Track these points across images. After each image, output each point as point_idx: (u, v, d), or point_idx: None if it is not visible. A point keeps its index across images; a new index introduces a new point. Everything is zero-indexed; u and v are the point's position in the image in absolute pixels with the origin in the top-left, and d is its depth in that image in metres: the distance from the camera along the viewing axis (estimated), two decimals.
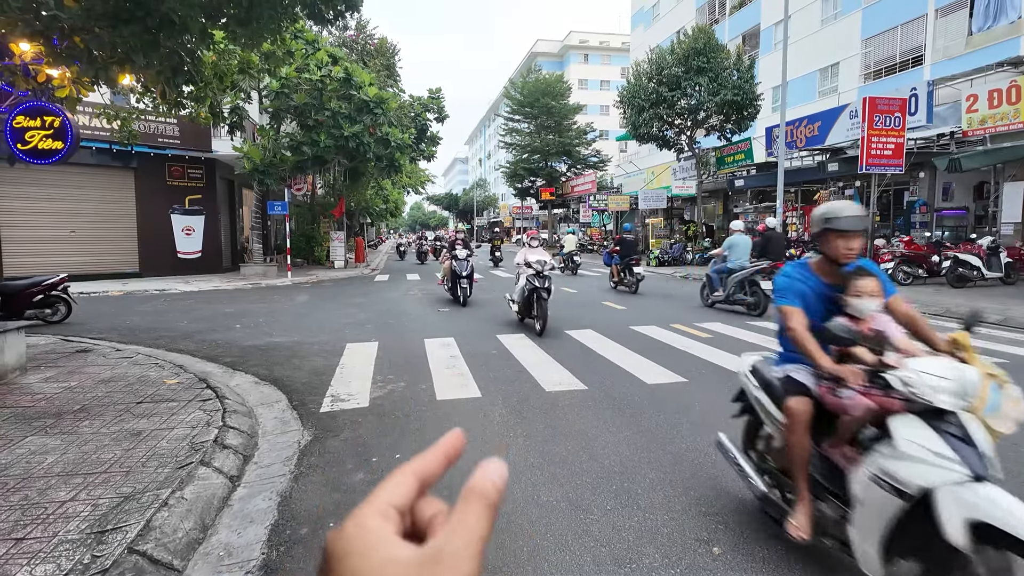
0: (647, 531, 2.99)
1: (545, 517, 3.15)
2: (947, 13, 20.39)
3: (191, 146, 19.32)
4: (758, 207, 24.67)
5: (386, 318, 10.45)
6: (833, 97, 24.29)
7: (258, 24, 6.17)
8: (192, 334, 8.92)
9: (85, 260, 17.81)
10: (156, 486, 3.38)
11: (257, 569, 2.74)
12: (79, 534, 2.85)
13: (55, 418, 4.62)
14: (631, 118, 24.25)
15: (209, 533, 3.11)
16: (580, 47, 66.98)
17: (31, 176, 16.46)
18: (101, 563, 2.60)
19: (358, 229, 35.71)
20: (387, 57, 26.76)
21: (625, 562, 2.72)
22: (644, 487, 3.50)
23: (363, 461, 3.97)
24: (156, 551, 2.76)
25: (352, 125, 17.98)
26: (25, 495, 3.26)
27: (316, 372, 6.50)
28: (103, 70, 4.60)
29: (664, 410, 4.93)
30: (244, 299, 13.71)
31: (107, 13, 4.59)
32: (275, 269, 19.57)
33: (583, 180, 41.00)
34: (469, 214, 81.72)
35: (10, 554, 2.67)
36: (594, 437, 4.34)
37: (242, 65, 8.32)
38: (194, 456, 3.81)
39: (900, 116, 14.17)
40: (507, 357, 7.11)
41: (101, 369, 6.32)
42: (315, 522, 3.15)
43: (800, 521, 2.60)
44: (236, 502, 3.46)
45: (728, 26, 32.20)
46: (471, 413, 4.98)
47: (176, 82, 5.36)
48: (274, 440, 4.47)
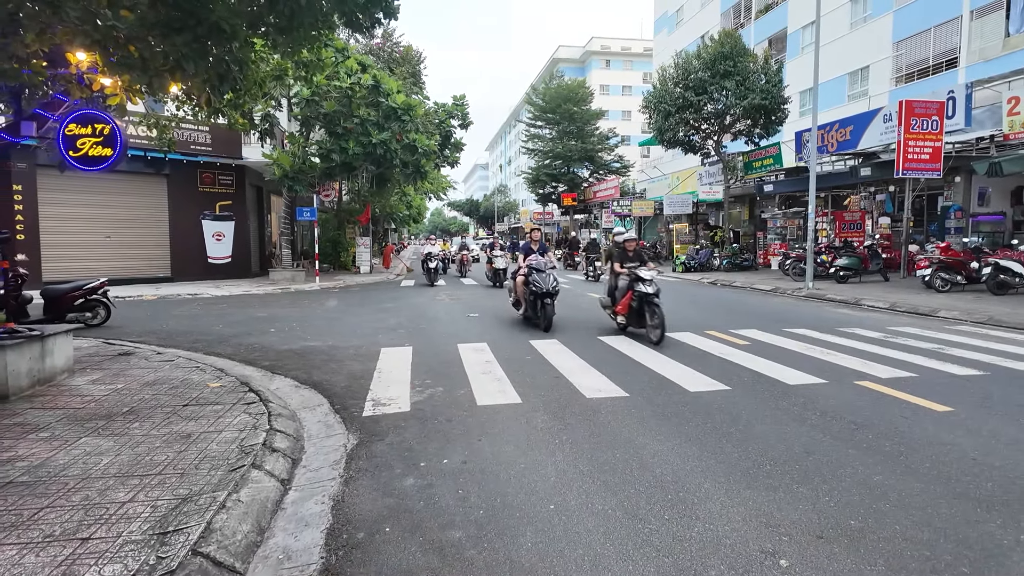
0: (709, 542, 2.93)
1: (602, 526, 3.10)
2: (983, 15, 19.96)
3: (222, 153, 19.68)
4: (786, 212, 24.32)
5: (417, 323, 10.48)
6: (863, 101, 23.91)
7: (298, 32, 6.27)
8: (228, 338, 9.04)
9: (119, 265, 18.22)
10: (211, 488, 3.41)
11: (318, 573, 2.74)
12: (142, 535, 2.88)
13: (106, 420, 4.69)
14: (657, 123, 24.11)
15: (266, 536, 3.12)
16: (602, 53, 66.96)
17: (70, 183, 16.89)
18: (167, 564, 2.62)
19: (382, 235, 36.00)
20: (412, 64, 27.01)
21: (691, 573, 2.66)
22: (699, 497, 3.43)
23: (411, 466, 3.96)
24: (219, 553, 2.77)
25: (380, 132, 18.17)
26: (86, 495, 3.31)
27: (354, 376, 6.53)
28: (156, 78, 4.70)
29: (711, 419, 4.84)
30: (275, 304, 13.88)
31: (159, 22, 4.69)
32: (303, 274, 19.79)
33: (606, 185, 40.83)
34: (490, 220, 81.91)
35: (77, 554, 2.70)
36: (642, 445, 4.27)
37: (278, 72, 8.43)
38: (245, 459, 3.84)
39: (937, 119, 13.87)
40: (542, 363, 7.06)
41: (144, 372, 6.43)
42: (371, 527, 3.15)
43: None
44: (289, 505, 3.47)
45: (754, 30, 31.92)
46: (513, 419, 4.95)
47: (222, 89, 5.46)
48: (320, 444, 4.49)
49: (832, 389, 5.77)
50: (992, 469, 3.81)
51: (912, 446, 4.22)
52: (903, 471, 3.79)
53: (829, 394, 5.59)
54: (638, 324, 8.42)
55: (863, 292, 14.19)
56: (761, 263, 24.28)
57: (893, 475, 3.72)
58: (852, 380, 6.09)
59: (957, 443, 4.29)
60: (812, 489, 3.52)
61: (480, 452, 4.19)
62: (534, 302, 9.39)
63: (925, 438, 4.39)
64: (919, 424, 4.71)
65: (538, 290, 9.17)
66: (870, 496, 3.42)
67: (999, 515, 3.20)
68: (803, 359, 7.11)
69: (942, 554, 2.81)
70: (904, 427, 4.64)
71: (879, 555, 2.80)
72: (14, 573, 2.54)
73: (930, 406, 5.18)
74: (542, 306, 9.25)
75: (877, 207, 21.48)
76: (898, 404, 5.27)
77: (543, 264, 9.48)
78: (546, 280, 9.21)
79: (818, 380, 6.09)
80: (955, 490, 3.51)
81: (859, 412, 5.02)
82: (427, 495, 3.52)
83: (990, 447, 4.21)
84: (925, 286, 14.14)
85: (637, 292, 8.11)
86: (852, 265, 16.52)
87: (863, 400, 5.39)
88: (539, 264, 9.45)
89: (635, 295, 8.16)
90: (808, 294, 14.58)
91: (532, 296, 9.37)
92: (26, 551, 2.72)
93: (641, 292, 8.05)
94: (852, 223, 20.52)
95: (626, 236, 9.11)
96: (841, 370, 6.54)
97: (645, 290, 8.00)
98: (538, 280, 9.21)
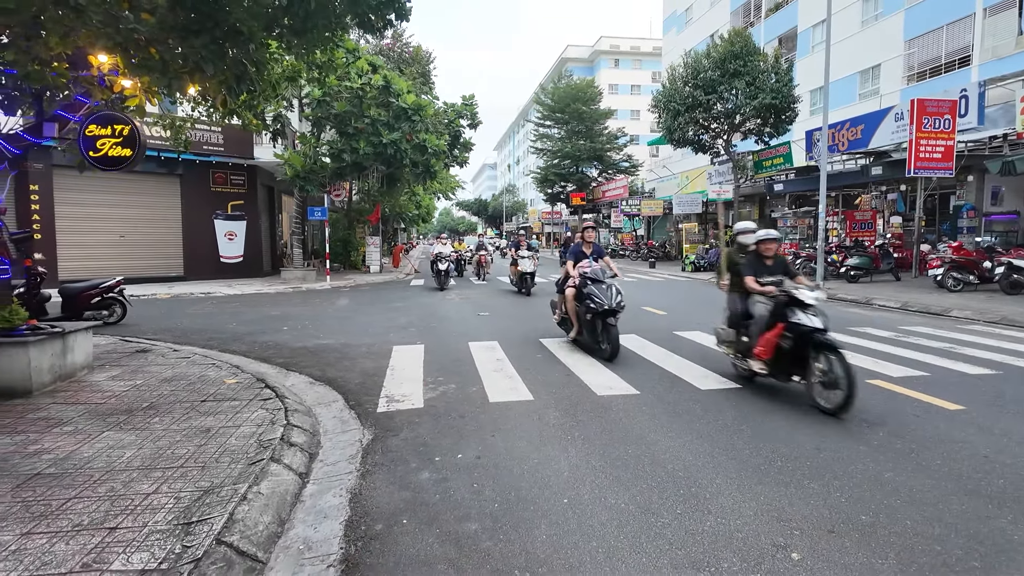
0: (722, 535, 2.97)
1: (616, 519, 3.15)
2: (995, 12, 19.78)
3: (234, 153, 19.87)
4: (796, 212, 24.22)
5: (428, 321, 10.56)
6: (874, 100, 23.76)
7: (312, 34, 6.35)
8: (242, 336, 9.15)
9: (133, 264, 18.44)
10: (232, 481, 3.49)
11: (338, 563, 2.81)
12: (167, 525, 2.96)
13: (127, 414, 4.79)
14: (666, 122, 24.07)
15: (286, 527, 3.19)
16: (610, 52, 66.83)
17: (85, 183, 17.10)
18: (193, 553, 2.70)
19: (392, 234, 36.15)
20: (422, 64, 27.13)
21: (703, 566, 2.71)
22: (711, 492, 3.47)
23: (426, 460, 4.03)
24: (241, 543, 2.85)
25: (391, 132, 18.27)
26: (111, 487, 3.39)
27: (367, 373, 6.61)
28: (176, 79, 4.80)
29: (722, 416, 4.88)
30: (287, 302, 14.01)
31: (178, 25, 4.79)
32: (314, 273, 19.95)
33: (614, 185, 40.82)
34: (498, 219, 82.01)
35: (105, 542, 2.78)
36: (654, 442, 4.32)
37: (292, 73, 8.52)
38: (264, 453, 3.92)
39: (950, 118, 13.78)
40: (553, 361, 7.12)
41: (162, 368, 6.54)
42: (388, 518, 3.21)
43: None
44: (308, 498, 3.54)
45: (764, 29, 31.77)
46: (525, 416, 5.00)
47: (239, 90, 5.55)
48: (336, 439, 4.56)
49: None
50: (1004, 466, 3.82)
51: (923, 444, 4.24)
52: (914, 468, 3.81)
53: None
54: (790, 375, 5.42)
55: (874, 291, 14.13)
56: None
57: (904, 472, 3.75)
58: (864, 379, 6.08)
59: (969, 441, 4.30)
60: (823, 485, 3.55)
61: (494, 447, 4.25)
62: (591, 322, 7.24)
63: (936, 436, 4.41)
64: (931, 422, 4.73)
65: (597, 307, 7.01)
66: (881, 492, 3.45)
67: (1010, 511, 3.22)
68: None
69: (953, 549, 2.84)
70: (915, 425, 4.66)
71: (890, 549, 2.83)
72: (45, 560, 2.63)
73: (942, 404, 5.18)
74: (604, 328, 7.05)
75: (888, 206, 21.35)
76: (910, 402, 5.28)
77: (601, 272, 7.40)
78: (607, 294, 7.05)
79: None
80: (966, 487, 3.53)
81: (870, 410, 5.03)
82: (443, 489, 3.58)
83: (1002, 445, 4.22)
84: (937, 286, 14.05)
85: (795, 325, 5.13)
86: (863, 264, 16.45)
87: (875, 398, 5.40)
88: (595, 272, 7.36)
89: (790, 330, 5.18)
90: None
91: (589, 315, 7.21)
92: (56, 539, 2.80)
93: (802, 326, 5.07)
94: (863, 222, 20.41)
95: (760, 235, 5.93)
96: None
97: (808, 323, 5.05)
98: (596, 294, 7.07)
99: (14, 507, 3.13)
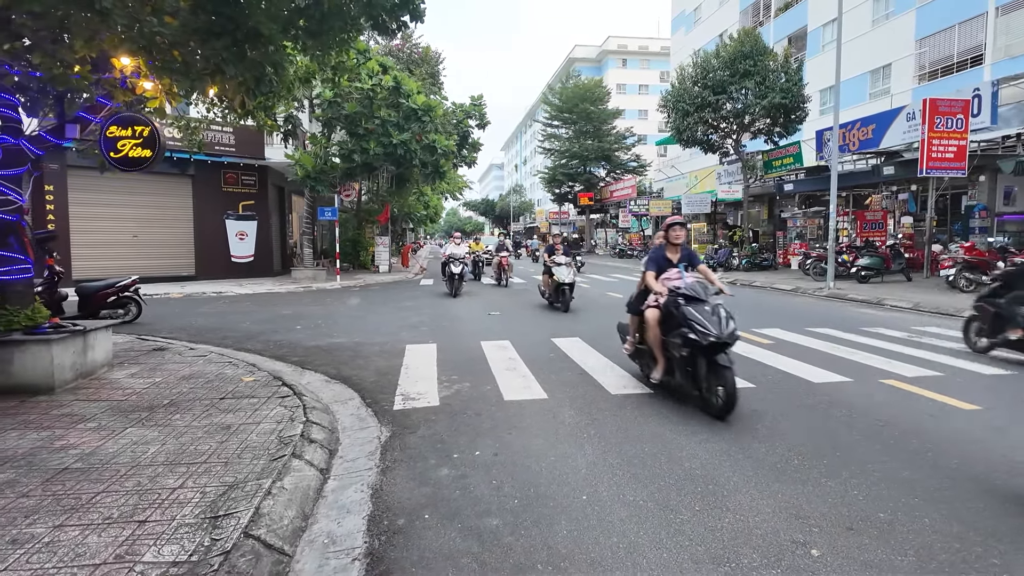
0: (741, 532, 3.00)
1: (635, 516, 3.19)
2: (1008, 11, 19.64)
3: (245, 154, 20.03)
4: (806, 212, 24.14)
5: (439, 321, 10.62)
6: (885, 99, 23.63)
7: (328, 36, 6.42)
8: (256, 335, 9.24)
9: (145, 263, 18.61)
10: (255, 476, 3.54)
11: (363, 556, 2.85)
12: (194, 519, 3.02)
13: (148, 411, 4.87)
14: (675, 122, 24.06)
15: (310, 522, 3.24)
16: (618, 52, 66.77)
17: (98, 184, 17.29)
18: (221, 546, 2.75)
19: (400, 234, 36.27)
20: (431, 65, 27.22)
21: (724, 561, 2.74)
22: (729, 490, 3.50)
23: (445, 457, 4.08)
24: (268, 536, 2.90)
25: (401, 133, 18.36)
26: (137, 481, 3.46)
27: (381, 372, 6.67)
28: (197, 81, 4.87)
29: (737, 415, 4.89)
30: (298, 302, 14.11)
31: (200, 28, 4.86)
32: (324, 273, 20.07)
33: (622, 185, 40.79)
34: (505, 219, 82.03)
35: (136, 535, 2.84)
36: (670, 440, 4.35)
37: (307, 75, 8.60)
38: (285, 449, 3.98)
39: (963, 118, 13.71)
40: (565, 360, 7.15)
41: (179, 367, 6.62)
42: (410, 514, 3.26)
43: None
44: (329, 493, 3.59)
45: (773, 28, 31.66)
46: (541, 414, 5.04)
47: (258, 92, 5.62)
48: (354, 435, 4.62)
49: (857, 387, 5.79)
50: (1022, 465, 3.83)
51: (940, 443, 4.25)
52: (931, 467, 3.82)
53: (854, 392, 5.61)
54: None
55: (885, 292, 14.08)
56: (781, 263, 24.13)
57: (921, 471, 3.76)
58: (877, 379, 6.10)
59: (985, 440, 4.30)
60: (840, 483, 3.57)
61: (511, 445, 4.29)
62: (689, 359, 5.00)
63: (953, 435, 4.41)
64: (946, 422, 4.73)
65: (701, 339, 4.74)
66: (899, 491, 3.47)
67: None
68: (827, 358, 7.12)
69: (972, 546, 2.86)
70: (931, 425, 4.66)
71: (909, 546, 2.85)
72: (79, 552, 2.69)
73: (957, 404, 5.18)
74: (710, 369, 4.88)
75: (899, 206, 21.24)
76: (924, 402, 5.28)
77: (700, 288, 5.18)
78: (713, 319, 4.82)
79: (843, 378, 6.11)
80: (983, 486, 3.54)
81: (885, 410, 5.04)
82: (462, 485, 3.62)
83: (1020, 445, 4.22)
84: (949, 286, 13.98)
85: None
86: (874, 265, 16.37)
87: (889, 398, 5.41)
88: (692, 288, 5.15)
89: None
90: (830, 294, 14.48)
91: (686, 349, 4.96)
92: (88, 532, 2.87)
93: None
94: (874, 222, 20.32)
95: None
96: (866, 369, 6.54)
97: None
98: (697, 319, 4.83)
99: (45, 500, 3.20)
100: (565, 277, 11.68)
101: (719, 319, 4.84)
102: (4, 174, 5.41)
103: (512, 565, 2.74)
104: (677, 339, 5.02)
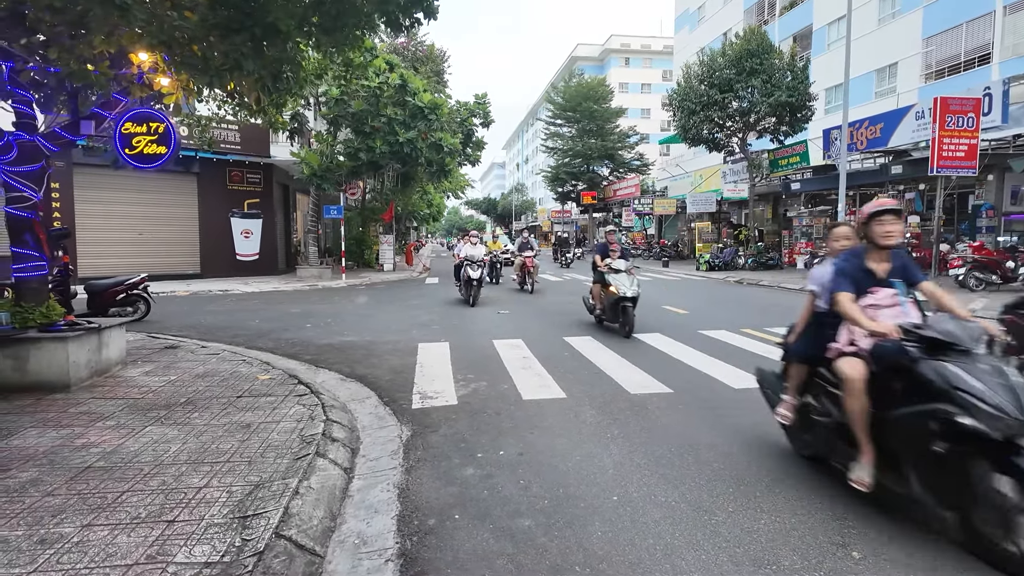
0: (779, 533, 2.95)
1: (669, 517, 3.14)
2: (1016, 10, 19.56)
3: (251, 152, 20.00)
4: (813, 211, 24.07)
5: (449, 319, 10.58)
6: (891, 98, 23.55)
7: (342, 33, 6.37)
8: (266, 333, 9.21)
9: (151, 261, 18.55)
10: (280, 476, 3.50)
11: (396, 557, 2.81)
12: (223, 518, 2.98)
13: (166, 409, 4.83)
14: (681, 121, 23.99)
15: (339, 522, 3.20)
16: (621, 50, 66.64)
17: (104, 181, 17.28)
18: (253, 546, 2.71)
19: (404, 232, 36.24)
20: (436, 63, 27.17)
21: (764, 563, 2.69)
22: (761, 490, 3.46)
23: (469, 456, 4.04)
24: (299, 537, 2.86)
25: (407, 131, 18.31)
26: (162, 480, 3.42)
27: (396, 370, 6.63)
28: (216, 76, 4.83)
29: (759, 415, 4.83)
30: (305, 300, 14.07)
31: (219, 23, 4.82)
32: (329, 271, 20.04)
33: (626, 184, 40.70)
34: (507, 218, 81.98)
35: (166, 535, 2.80)
36: (695, 440, 4.30)
37: (320, 72, 8.56)
38: (308, 448, 3.94)
39: (973, 116, 13.64)
40: (580, 359, 7.11)
41: (193, 365, 6.59)
42: (440, 514, 3.22)
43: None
44: (355, 493, 3.55)
45: (778, 27, 31.58)
46: (561, 413, 5.00)
47: (275, 88, 5.58)
48: (374, 435, 4.58)
49: None
50: None
51: None
52: None
53: None
54: None
55: None
56: (787, 262, 24.06)
57: None
58: None
59: None
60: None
61: (534, 445, 4.25)
62: (947, 462, 2.77)
63: None
64: None
65: (989, 428, 2.56)
66: None
67: None
68: None
69: None
70: None
71: (950, 547, 2.81)
72: (110, 552, 2.65)
73: None
74: None
75: (906, 206, 21.15)
76: None
77: (959, 330, 2.88)
78: (1004, 389, 2.62)
79: None
80: None
81: None
82: (489, 484, 3.58)
83: None
84: (959, 285, 13.91)
85: None
86: None
87: None
88: (944, 329, 2.89)
89: None
90: None
91: (945, 439, 2.73)
92: (117, 531, 2.83)
93: None
94: None
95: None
96: None
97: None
98: (975, 386, 2.66)
99: (71, 499, 3.16)
100: (627, 289, 8.52)
101: (1010, 389, 2.64)
102: (20, 170, 5.37)
103: (548, 566, 2.70)
104: (922, 422, 2.82)
